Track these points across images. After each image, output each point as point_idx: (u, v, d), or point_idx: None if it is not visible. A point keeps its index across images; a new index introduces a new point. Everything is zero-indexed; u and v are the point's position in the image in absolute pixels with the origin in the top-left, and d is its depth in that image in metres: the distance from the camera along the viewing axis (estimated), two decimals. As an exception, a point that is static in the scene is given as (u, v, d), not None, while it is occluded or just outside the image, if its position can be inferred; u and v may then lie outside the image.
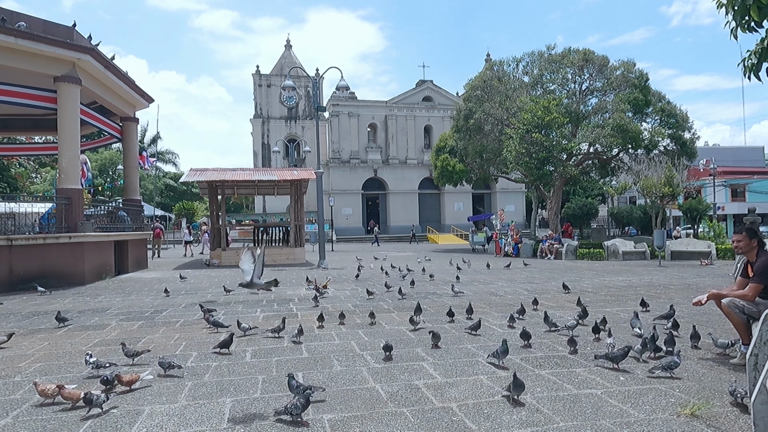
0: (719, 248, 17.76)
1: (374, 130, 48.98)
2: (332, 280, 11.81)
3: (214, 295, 9.81)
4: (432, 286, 10.63)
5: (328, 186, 42.11)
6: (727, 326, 5.26)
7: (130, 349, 4.83)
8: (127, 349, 4.81)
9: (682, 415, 3.32)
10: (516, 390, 3.56)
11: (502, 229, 24.70)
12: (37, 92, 12.63)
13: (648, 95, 23.46)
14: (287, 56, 50.40)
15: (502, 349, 4.48)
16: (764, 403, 2.80)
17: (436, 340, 5.28)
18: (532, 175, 22.55)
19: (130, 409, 3.62)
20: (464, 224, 42.60)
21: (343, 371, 4.47)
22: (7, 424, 3.39)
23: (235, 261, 18.00)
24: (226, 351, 5.14)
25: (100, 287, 11.53)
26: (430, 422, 3.29)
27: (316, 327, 6.36)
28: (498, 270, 14.55)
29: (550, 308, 7.50)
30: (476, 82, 26.13)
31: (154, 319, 7.27)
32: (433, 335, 5.33)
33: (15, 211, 12.37)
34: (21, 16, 12.37)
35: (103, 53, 13.71)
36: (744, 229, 4.54)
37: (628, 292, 9.43)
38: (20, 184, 34.68)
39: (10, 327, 6.82)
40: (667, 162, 20.48)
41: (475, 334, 5.80)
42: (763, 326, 3.42)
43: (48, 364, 4.85)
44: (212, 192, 19.47)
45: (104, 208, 16.09)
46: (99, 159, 45.84)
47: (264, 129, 48.13)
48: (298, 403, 3.26)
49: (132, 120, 17.16)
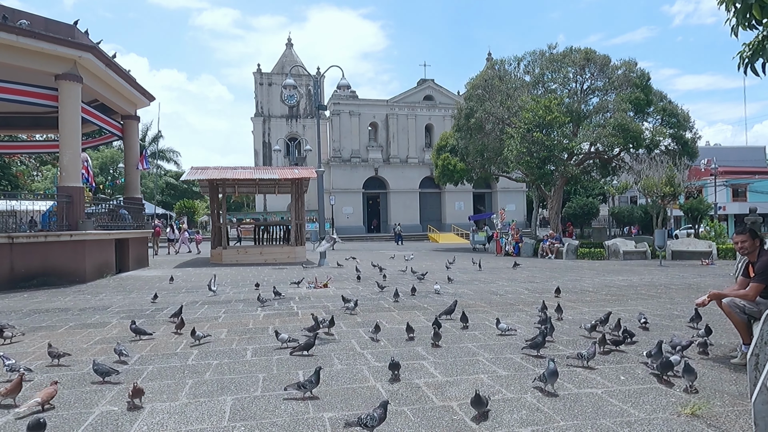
0: (720, 248, 17.75)
1: (375, 128, 48.95)
2: (332, 279, 11.82)
3: (213, 294, 9.80)
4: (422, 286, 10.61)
5: (328, 185, 42.12)
6: (728, 326, 5.25)
7: (54, 350, 4.73)
8: (51, 350, 4.73)
9: (682, 415, 3.31)
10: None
11: (503, 229, 24.70)
12: (39, 90, 12.63)
13: (649, 95, 23.44)
14: (288, 55, 50.35)
15: (550, 371, 3.67)
16: (765, 402, 2.80)
17: (436, 339, 5.26)
18: (533, 175, 22.53)
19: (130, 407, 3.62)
20: (465, 223, 42.57)
21: (343, 370, 4.47)
22: (8, 421, 3.39)
23: (235, 260, 18.06)
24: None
25: (101, 285, 11.54)
26: (430, 421, 3.29)
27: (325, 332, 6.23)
28: (498, 269, 14.54)
29: (551, 308, 7.49)
30: (477, 81, 26.10)
31: (154, 317, 7.27)
32: (434, 334, 5.30)
33: (16, 209, 12.39)
34: (23, 14, 12.36)
35: (105, 51, 13.71)
36: (747, 229, 4.53)
37: (628, 291, 9.42)
38: (21, 182, 34.68)
39: (12, 325, 6.83)
40: (668, 162, 20.47)
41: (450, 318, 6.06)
42: (764, 326, 3.42)
43: (48, 362, 4.85)
44: (213, 190, 19.48)
45: (105, 206, 16.10)
46: (100, 157, 45.85)
47: (265, 127, 48.11)
48: (375, 414, 3.02)
49: (133, 118, 17.16)
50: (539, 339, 4.78)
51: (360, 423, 3.00)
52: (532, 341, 4.80)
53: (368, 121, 48.22)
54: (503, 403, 3.59)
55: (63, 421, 3.37)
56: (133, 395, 3.56)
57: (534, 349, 4.76)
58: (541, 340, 4.77)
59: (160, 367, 4.61)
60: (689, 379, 3.75)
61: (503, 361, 4.67)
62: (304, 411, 3.50)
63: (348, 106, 46.82)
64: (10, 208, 12.25)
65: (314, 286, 10.32)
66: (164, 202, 51.77)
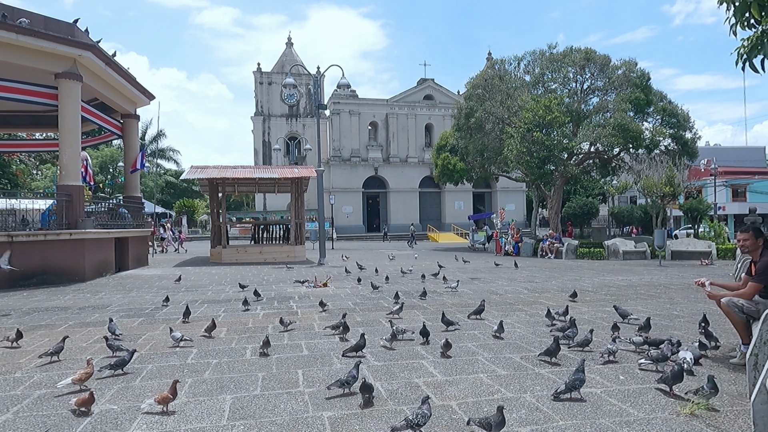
0: (719, 248, 17.76)
1: (375, 128, 48.93)
2: (332, 278, 11.82)
3: (214, 292, 9.81)
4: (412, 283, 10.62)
5: (328, 184, 42.09)
6: (727, 326, 5.26)
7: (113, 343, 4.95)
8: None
9: (681, 415, 3.32)
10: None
11: (503, 228, 24.72)
12: (38, 89, 12.62)
13: (649, 95, 23.44)
14: (288, 54, 50.33)
15: (497, 420, 2.98)
16: (764, 402, 2.80)
17: (446, 349, 4.86)
18: (532, 174, 22.54)
19: (129, 405, 3.62)
20: (465, 223, 42.59)
21: (342, 369, 4.47)
22: (8, 419, 3.39)
23: (235, 259, 18.05)
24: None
25: (101, 284, 11.54)
26: (430, 420, 3.29)
27: (338, 336, 6.33)
28: (498, 269, 14.54)
29: (551, 308, 7.50)
30: (477, 81, 26.10)
31: (154, 315, 7.27)
32: (445, 343, 4.89)
33: (16, 208, 12.39)
34: (22, 13, 12.35)
35: (104, 50, 13.70)
36: (751, 228, 4.53)
37: (628, 291, 9.43)
38: (21, 180, 34.66)
39: (11, 323, 6.84)
40: (668, 162, 20.48)
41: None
42: (763, 326, 3.42)
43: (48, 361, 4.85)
44: (213, 189, 19.47)
45: (105, 205, 16.09)
46: (100, 156, 45.83)
47: (265, 127, 48.10)
48: (425, 411, 2.98)
49: (133, 117, 17.15)
50: (553, 346, 4.58)
51: (408, 425, 2.92)
52: (549, 348, 4.61)
53: (368, 121, 48.20)
54: (502, 402, 3.59)
55: (62, 420, 3.37)
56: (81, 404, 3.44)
57: (548, 356, 4.58)
58: (555, 347, 4.56)
59: (159, 366, 4.61)
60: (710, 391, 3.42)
61: (503, 360, 4.67)
62: (303, 410, 3.50)
63: (348, 106, 46.79)
64: (9, 207, 12.24)
65: (314, 285, 10.32)
66: (164, 201, 51.75)
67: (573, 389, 3.60)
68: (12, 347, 5.42)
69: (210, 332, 5.79)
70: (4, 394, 3.90)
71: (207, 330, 5.81)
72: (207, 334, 5.77)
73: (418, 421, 2.92)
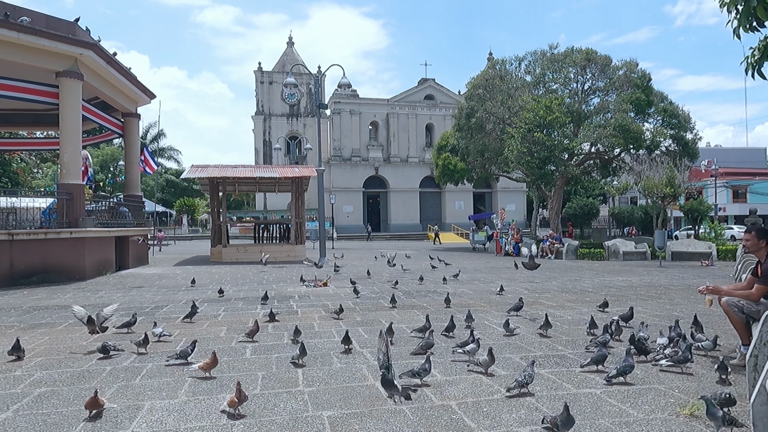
0: (720, 249, 17.75)
1: (376, 128, 48.95)
2: (332, 277, 11.82)
3: (214, 292, 9.80)
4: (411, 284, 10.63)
5: (329, 183, 42.10)
6: (727, 327, 5.26)
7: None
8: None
9: (681, 415, 3.32)
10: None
11: (503, 229, 24.70)
12: (39, 87, 12.62)
13: (650, 95, 23.45)
14: (289, 53, 50.34)
15: (563, 419, 2.97)
16: (763, 404, 2.80)
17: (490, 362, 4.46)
18: (533, 175, 22.54)
19: (130, 404, 3.63)
20: (465, 223, 42.59)
21: (342, 368, 4.47)
22: (8, 418, 3.40)
23: (235, 258, 18.05)
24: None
25: (101, 282, 11.54)
26: (429, 420, 3.30)
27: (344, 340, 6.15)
28: (498, 269, 14.53)
29: (551, 308, 7.51)
30: (478, 81, 26.11)
31: (154, 314, 7.27)
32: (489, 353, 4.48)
33: (16, 206, 12.39)
34: (24, 11, 12.36)
35: (105, 49, 13.70)
36: (754, 228, 4.53)
37: (628, 292, 9.43)
38: (21, 179, 34.66)
39: (11, 322, 6.85)
40: (668, 162, 20.47)
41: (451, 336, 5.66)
42: (763, 327, 3.42)
43: (48, 359, 4.86)
44: (213, 189, 19.47)
45: (105, 203, 16.09)
46: (100, 155, 45.87)
47: (265, 126, 48.12)
48: (530, 372, 3.65)
49: (134, 116, 17.15)
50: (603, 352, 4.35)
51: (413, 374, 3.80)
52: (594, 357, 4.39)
53: (369, 120, 48.21)
54: (502, 402, 3.59)
55: (62, 418, 3.37)
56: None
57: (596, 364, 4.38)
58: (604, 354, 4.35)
59: (159, 365, 4.61)
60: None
61: (503, 360, 4.67)
62: (303, 409, 3.50)
63: (349, 105, 46.81)
64: (10, 205, 12.24)
65: (314, 284, 10.32)
66: (164, 200, 51.79)
67: (624, 374, 3.93)
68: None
69: (251, 336, 5.55)
70: (4, 392, 3.90)
71: (249, 335, 5.56)
72: (250, 339, 5.54)
73: (525, 380, 3.65)
